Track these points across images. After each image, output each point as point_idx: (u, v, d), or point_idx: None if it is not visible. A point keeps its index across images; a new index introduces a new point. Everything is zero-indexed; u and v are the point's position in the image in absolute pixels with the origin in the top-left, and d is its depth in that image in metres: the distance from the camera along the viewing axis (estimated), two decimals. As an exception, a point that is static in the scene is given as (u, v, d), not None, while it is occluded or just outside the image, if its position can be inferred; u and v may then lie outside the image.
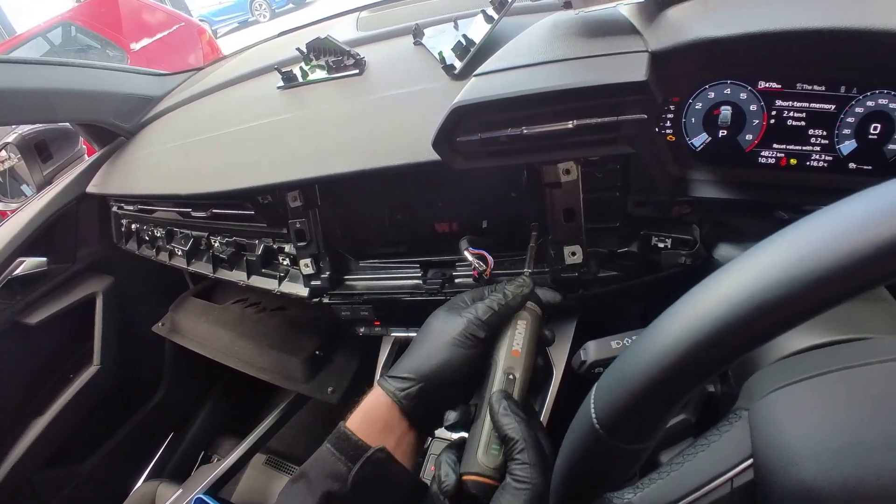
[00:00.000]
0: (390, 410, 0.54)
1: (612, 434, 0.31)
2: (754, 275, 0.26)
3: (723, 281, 0.28)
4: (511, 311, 0.58)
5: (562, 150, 0.60)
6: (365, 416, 0.54)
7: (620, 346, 0.51)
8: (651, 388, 0.29)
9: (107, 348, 1.19)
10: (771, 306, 0.25)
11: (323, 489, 0.50)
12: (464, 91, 0.58)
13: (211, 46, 3.61)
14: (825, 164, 0.63)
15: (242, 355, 1.13)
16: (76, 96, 1.05)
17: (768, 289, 0.25)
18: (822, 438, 0.31)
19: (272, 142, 0.83)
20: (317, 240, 0.83)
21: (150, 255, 1.13)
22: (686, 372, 0.28)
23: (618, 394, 0.31)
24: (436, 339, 0.56)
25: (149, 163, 1.03)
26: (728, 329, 0.26)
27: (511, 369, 0.55)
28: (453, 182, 0.79)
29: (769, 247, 0.27)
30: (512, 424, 0.50)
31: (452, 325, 0.56)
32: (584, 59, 0.57)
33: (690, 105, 0.64)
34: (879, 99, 0.58)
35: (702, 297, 0.28)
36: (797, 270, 0.24)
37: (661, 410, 0.31)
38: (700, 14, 0.56)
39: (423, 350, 0.56)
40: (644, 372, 0.29)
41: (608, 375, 0.33)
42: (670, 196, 0.68)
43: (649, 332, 0.30)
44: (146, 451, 1.42)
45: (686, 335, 0.27)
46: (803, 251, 0.25)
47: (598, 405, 0.32)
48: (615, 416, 0.31)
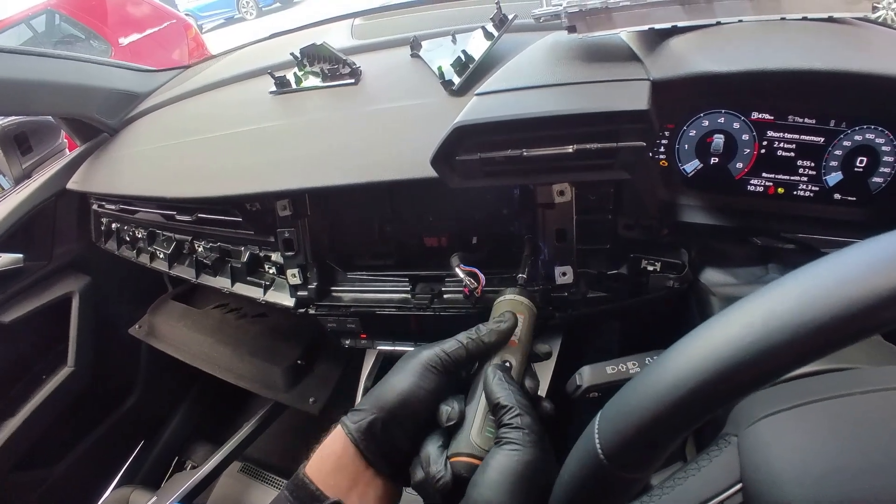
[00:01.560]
0: (345, 449, 0.49)
1: (615, 463, 0.32)
2: (764, 316, 0.27)
3: (734, 319, 0.29)
4: (484, 347, 0.54)
5: (559, 173, 0.60)
6: (322, 458, 0.50)
7: (615, 371, 0.51)
8: (659, 420, 0.30)
9: (81, 350, 1.15)
10: (780, 348, 0.26)
11: None
12: (465, 110, 0.57)
13: (196, 42, 3.55)
14: (811, 194, 0.64)
15: (222, 362, 1.11)
16: (59, 89, 1.02)
17: (778, 331, 0.26)
18: (806, 464, 0.33)
19: (263, 148, 0.82)
20: (305, 250, 0.81)
21: (131, 257, 1.10)
22: (695, 406, 0.29)
23: (624, 424, 0.31)
24: (398, 371, 0.52)
25: (134, 162, 1.01)
26: (738, 367, 0.27)
27: (507, 357, 0.54)
28: (445, 197, 0.78)
29: (780, 289, 0.28)
30: (505, 392, 0.48)
31: (417, 357, 0.52)
32: (586, 84, 0.57)
33: (685, 132, 0.65)
34: (867, 133, 0.60)
35: (713, 334, 0.29)
36: (805, 315, 0.26)
37: (666, 442, 0.31)
38: (702, 47, 0.57)
39: (384, 382, 0.52)
40: (653, 404, 0.30)
41: (614, 405, 0.34)
42: (659, 220, 0.69)
43: (659, 364, 0.31)
44: (119, 455, 1.38)
45: (696, 371, 0.29)
46: (812, 296, 0.26)
47: (602, 434, 0.33)
48: (620, 446, 0.32)
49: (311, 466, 0.50)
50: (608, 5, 0.58)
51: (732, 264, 0.70)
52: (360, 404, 0.51)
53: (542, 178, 0.61)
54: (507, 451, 0.45)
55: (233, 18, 9.86)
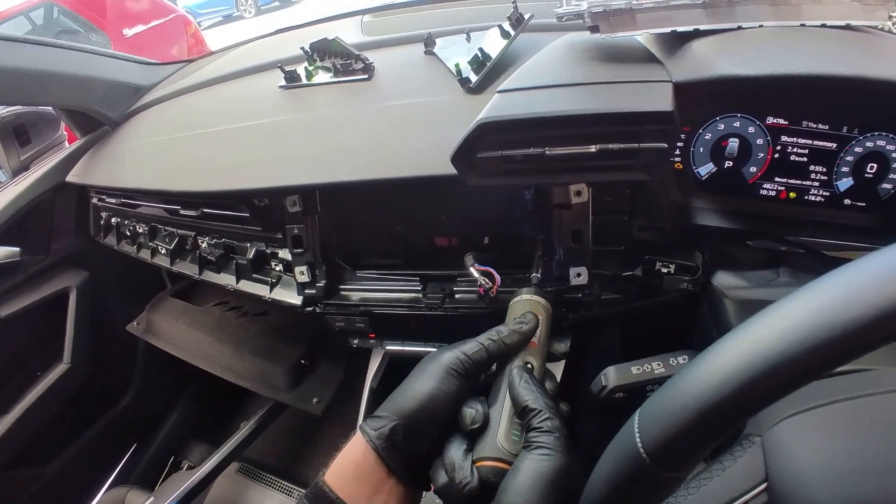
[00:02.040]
0: (366, 456, 0.48)
1: (657, 462, 0.32)
2: (814, 311, 0.27)
3: (782, 316, 0.29)
4: (505, 349, 0.53)
5: (579, 172, 0.60)
6: (341, 466, 0.49)
7: (641, 371, 0.52)
8: (706, 418, 0.30)
9: (78, 346, 1.13)
10: (828, 344, 0.26)
11: None
12: (489, 107, 0.57)
13: (196, 39, 3.51)
14: (822, 199, 0.65)
15: (222, 361, 1.10)
16: (60, 79, 1.00)
17: (825, 328, 0.26)
18: (831, 464, 0.34)
19: (273, 142, 0.80)
20: (314, 247, 0.80)
21: (131, 252, 1.08)
22: (743, 403, 0.29)
23: (668, 422, 0.31)
24: (418, 375, 0.51)
25: (137, 155, 0.99)
26: (789, 363, 0.27)
27: (528, 358, 0.54)
28: (457, 196, 0.78)
29: (828, 284, 0.28)
30: (533, 395, 0.47)
31: (437, 360, 0.51)
32: (610, 84, 0.57)
33: (700, 135, 0.65)
34: (878, 140, 0.61)
35: (761, 330, 0.29)
36: (855, 310, 0.26)
37: (711, 440, 0.31)
38: (726, 50, 0.57)
39: (403, 387, 0.51)
40: (700, 401, 0.30)
41: (656, 403, 0.33)
42: (673, 222, 0.70)
43: (704, 361, 0.31)
44: (114, 454, 1.35)
45: (745, 367, 0.28)
46: (860, 291, 0.26)
47: (644, 432, 0.33)
48: (664, 444, 0.31)
49: (330, 474, 0.49)
50: (632, 6, 0.58)
51: (743, 267, 0.70)
52: (379, 410, 0.50)
53: (561, 177, 0.61)
54: (538, 456, 0.44)
55: (231, 16, 9.80)
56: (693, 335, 0.75)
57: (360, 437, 0.49)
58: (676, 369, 0.52)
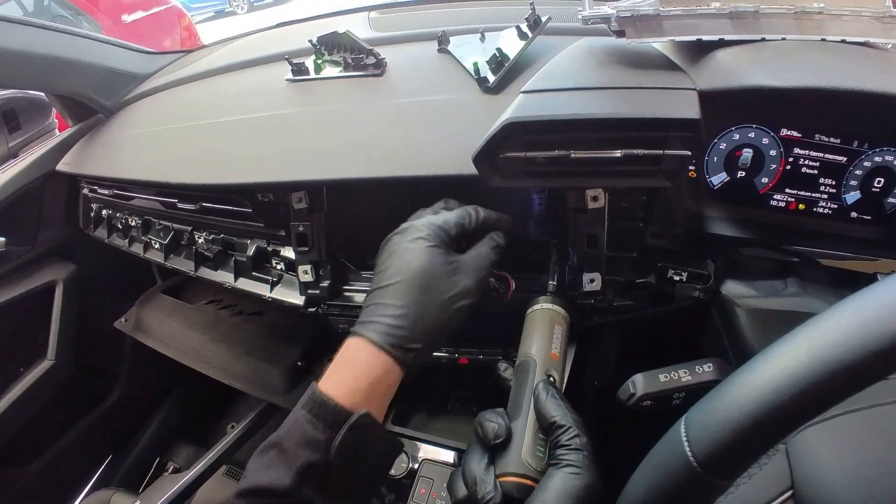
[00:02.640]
0: (387, 372, 0.50)
1: (708, 470, 0.31)
2: (871, 317, 0.27)
3: (838, 321, 0.29)
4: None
5: (601, 177, 0.60)
6: (356, 383, 0.50)
7: (668, 379, 0.52)
8: (761, 426, 0.30)
9: (63, 343, 1.09)
10: (888, 351, 0.26)
11: (302, 461, 0.46)
12: (514, 106, 0.56)
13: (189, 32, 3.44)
14: (830, 212, 0.66)
15: (215, 361, 1.06)
16: (55, 64, 0.96)
17: (887, 335, 0.26)
18: (856, 470, 0.34)
19: (280, 136, 0.78)
20: (319, 246, 0.78)
21: (122, 246, 1.05)
22: (799, 410, 0.29)
23: (721, 430, 0.31)
24: (449, 304, 0.53)
25: (133, 145, 0.96)
26: (846, 370, 0.27)
27: (550, 371, 0.54)
28: (470, 198, 0.77)
29: (884, 291, 0.28)
30: (561, 411, 0.47)
31: (464, 290, 0.54)
32: (636, 89, 0.57)
33: (715, 144, 0.66)
34: (886, 155, 0.62)
35: (817, 336, 0.29)
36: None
37: (764, 448, 0.31)
38: (752, 61, 0.57)
39: (435, 317, 0.52)
40: (756, 409, 0.30)
41: (705, 410, 0.33)
42: (685, 230, 0.70)
43: (756, 368, 0.31)
44: (98, 455, 1.31)
45: (803, 373, 0.28)
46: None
47: (694, 440, 0.32)
48: (716, 452, 0.31)
49: (329, 384, 0.50)
50: (660, 13, 0.58)
51: (752, 277, 0.71)
52: (413, 339, 0.51)
53: (583, 181, 0.60)
54: (567, 474, 0.44)
55: (223, 12, 9.69)
56: (700, 343, 0.75)
57: (382, 357, 0.50)
58: (703, 377, 0.52)
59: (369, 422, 0.48)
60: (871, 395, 0.40)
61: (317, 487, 0.47)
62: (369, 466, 0.51)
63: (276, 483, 0.46)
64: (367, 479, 0.52)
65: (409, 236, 0.55)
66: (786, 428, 0.30)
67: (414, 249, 0.54)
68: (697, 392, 0.53)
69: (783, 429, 0.30)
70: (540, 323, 0.60)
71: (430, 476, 0.83)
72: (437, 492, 0.79)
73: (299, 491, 0.46)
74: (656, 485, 0.35)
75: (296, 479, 0.46)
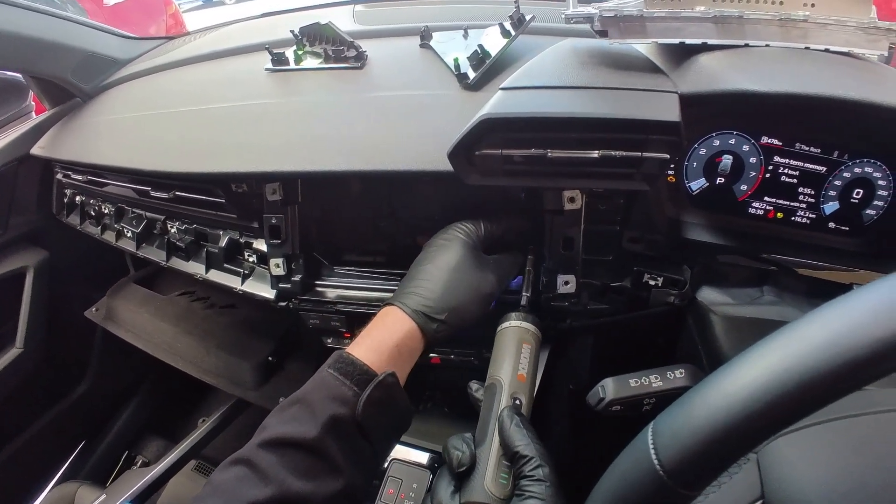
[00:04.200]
0: (418, 345, 0.56)
1: (675, 479, 0.30)
2: (844, 327, 0.27)
3: (811, 330, 0.28)
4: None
5: (579, 178, 0.59)
6: (382, 345, 0.54)
7: (638, 384, 0.51)
8: (732, 436, 0.29)
9: (32, 330, 1.06)
10: (863, 361, 0.26)
11: (328, 413, 0.48)
12: (492, 103, 0.55)
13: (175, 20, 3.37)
14: (808, 221, 0.66)
15: (185, 354, 1.04)
16: (34, 44, 0.94)
17: (864, 342, 0.26)
18: (830, 482, 0.34)
19: (256, 126, 0.76)
20: (292, 239, 0.77)
21: (94, 233, 1.02)
22: (774, 419, 0.28)
23: (691, 439, 0.30)
24: (474, 290, 0.59)
25: (109, 130, 0.94)
26: (822, 378, 0.26)
27: (517, 394, 0.54)
28: (446, 196, 0.76)
29: (861, 299, 0.28)
30: (525, 441, 0.48)
31: (487, 281, 0.60)
32: (616, 90, 0.56)
33: (695, 150, 0.65)
34: (866, 167, 0.62)
35: (789, 345, 0.28)
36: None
37: (735, 458, 0.30)
38: (734, 66, 0.56)
39: (462, 297, 0.58)
40: (727, 418, 0.29)
41: (674, 419, 0.32)
42: (664, 235, 0.69)
43: (728, 377, 0.30)
44: (64, 447, 1.28)
45: (778, 382, 0.28)
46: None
47: (661, 449, 0.31)
48: (684, 462, 0.30)
49: (358, 349, 0.54)
50: (644, 14, 0.57)
51: (728, 284, 0.71)
52: (438, 310, 0.57)
53: (561, 181, 0.59)
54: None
55: (211, 1, 9.60)
56: (675, 349, 0.75)
57: (414, 328, 0.56)
58: (674, 383, 0.52)
59: (394, 381, 0.52)
60: (843, 407, 0.40)
61: (340, 445, 0.49)
62: (388, 431, 0.54)
63: (302, 434, 0.47)
64: (384, 445, 0.55)
65: (448, 234, 0.63)
66: (757, 438, 0.29)
67: (450, 241, 0.62)
68: (668, 398, 0.52)
69: (754, 439, 0.29)
70: (508, 342, 0.59)
71: (399, 476, 0.82)
72: (406, 492, 0.78)
73: (324, 442, 0.47)
74: (622, 492, 0.34)
75: (322, 430, 0.47)
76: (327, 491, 0.47)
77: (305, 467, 0.47)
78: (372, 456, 0.52)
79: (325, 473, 0.48)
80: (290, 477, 0.46)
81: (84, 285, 1.21)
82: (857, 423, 0.38)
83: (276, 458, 0.47)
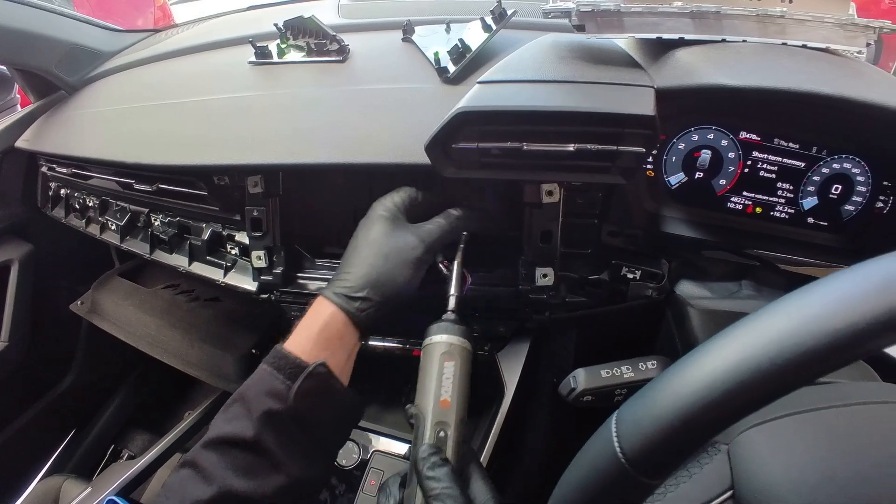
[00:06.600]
0: (345, 328, 0.54)
1: (637, 468, 0.31)
2: (808, 316, 0.27)
3: (772, 321, 0.28)
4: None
5: (555, 171, 0.59)
6: (310, 334, 0.53)
7: (610, 375, 0.51)
8: (692, 423, 0.29)
9: (17, 324, 1.06)
10: (825, 351, 0.26)
11: (262, 408, 0.48)
12: (468, 96, 0.55)
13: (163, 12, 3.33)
14: (786, 216, 0.66)
15: (170, 346, 1.04)
16: (17, 36, 0.93)
17: (821, 332, 0.26)
18: (800, 473, 0.34)
19: (239, 118, 0.76)
20: (273, 231, 0.77)
21: (79, 226, 1.02)
22: (732, 408, 0.28)
23: (651, 427, 0.30)
24: (393, 257, 0.56)
25: (93, 123, 0.93)
26: (779, 369, 0.27)
27: (442, 424, 0.50)
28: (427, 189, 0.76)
29: (819, 291, 0.28)
30: (439, 485, 0.46)
31: (407, 245, 0.57)
32: (593, 84, 0.56)
33: (674, 144, 0.66)
34: (844, 163, 0.62)
35: (750, 335, 0.29)
36: (845, 317, 0.25)
37: (696, 446, 0.30)
38: (711, 61, 0.57)
39: (380, 267, 0.56)
40: (685, 406, 0.29)
41: (637, 407, 0.32)
42: (643, 230, 0.69)
43: (689, 365, 0.31)
44: (49, 441, 1.27)
45: (736, 371, 0.28)
46: (851, 299, 0.26)
47: (623, 436, 0.32)
48: (645, 450, 0.30)
49: (293, 343, 0.53)
50: (620, 9, 0.57)
51: (707, 278, 0.71)
52: (356, 288, 0.55)
53: (537, 174, 0.60)
54: None
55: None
56: (655, 342, 0.75)
57: (338, 312, 0.54)
58: (646, 374, 0.52)
59: (325, 371, 0.51)
60: (814, 399, 0.40)
61: (278, 440, 0.49)
62: (329, 421, 0.53)
63: (240, 433, 0.48)
64: (328, 436, 0.54)
65: (369, 213, 0.62)
66: (715, 427, 0.29)
67: (368, 219, 0.61)
68: (639, 389, 0.52)
69: (712, 428, 0.29)
70: (428, 362, 0.54)
71: (380, 468, 0.82)
72: (388, 484, 0.78)
73: (262, 438, 0.48)
74: (586, 482, 0.34)
75: (258, 426, 0.48)
76: (270, 487, 0.48)
77: (246, 465, 0.47)
78: (316, 448, 0.52)
79: (266, 469, 0.48)
80: (231, 475, 0.46)
81: (69, 278, 1.20)
82: (827, 415, 0.38)
83: (217, 458, 0.47)
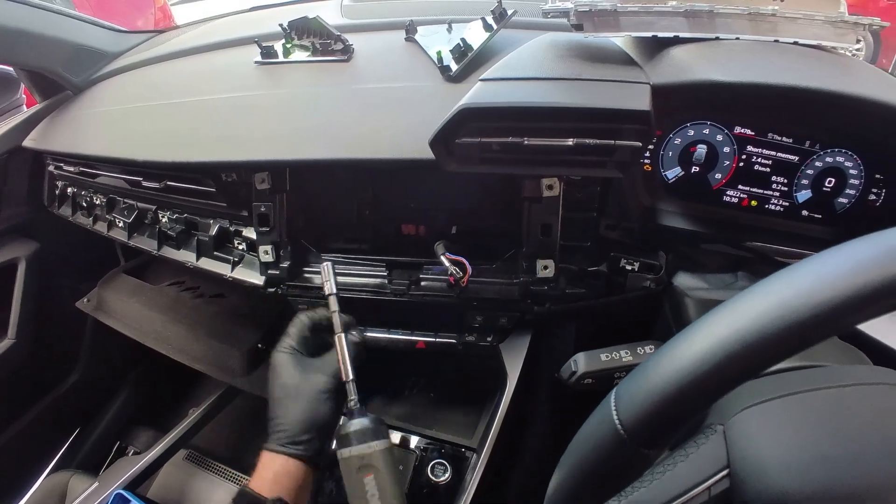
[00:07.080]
0: (297, 469, 0.59)
1: (635, 438, 0.32)
2: (791, 292, 0.29)
3: (759, 297, 0.30)
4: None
5: (554, 166, 0.61)
6: (262, 479, 0.59)
7: (609, 358, 0.53)
8: (683, 395, 0.31)
9: (24, 321, 1.07)
10: (806, 324, 0.27)
11: None
12: (471, 93, 0.57)
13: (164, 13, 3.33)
14: (781, 209, 0.68)
15: (175, 342, 1.05)
16: (23, 37, 0.94)
17: (805, 306, 0.27)
18: (792, 453, 0.35)
19: (245, 117, 0.78)
20: (280, 226, 0.78)
21: (86, 224, 1.04)
22: (720, 380, 0.30)
23: (647, 399, 0.32)
24: (312, 396, 0.61)
25: (100, 122, 0.95)
26: (766, 341, 0.28)
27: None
28: (428, 184, 0.78)
29: (804, 270, 0.29)
30: None
31: (319, 382, 0.62)
32: (591, 81, 0.58)
33: (670, 139, 0.67)
34: (837, 157, 0.64)
35: (738, 311, 0.30)
36: (828, 292, 0.27)
37: (688, 417, 0.32)
38: (705, 57, 0.59)
39: (305, 409, 0.61)
40: (678, 378, 0.31)
41: (633, 381, 0.34)
42: (640, 223, 0.71)
43: (682, 340, 0.32)
44: (56, 437, 1.28)
45: (723, 344, 0.30)
46: (833, 275, 0.27)
47: (621, 409, 0.33)
48: (641, 421, 0.32)
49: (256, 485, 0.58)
50: (617, 8, 0.59)
51: (704, 270, 0.73)
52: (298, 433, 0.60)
53: (537, 169, 0.61)
54: None
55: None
56: (652, 333, 0.77)
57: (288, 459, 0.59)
58: (643, 358, 0.53)
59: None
60: (807, 381, 0.42)
61: None
62: None
63: None
64: None
65: (272, 361, 0.66)
66: (705, 398, 0.31)
67: (275, 369, 0.65)
68: (638, 371, 0.54)
69: (703, 399, 0.31)
70: (348, 480, 0.58)
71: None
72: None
73: None
74: (588, 454, 0.36)
75: None
76: None
77: None
78: None
79: None
80: None
81: (75, 276, 1.21)
82: (820, 397, 0.39)
83: None
